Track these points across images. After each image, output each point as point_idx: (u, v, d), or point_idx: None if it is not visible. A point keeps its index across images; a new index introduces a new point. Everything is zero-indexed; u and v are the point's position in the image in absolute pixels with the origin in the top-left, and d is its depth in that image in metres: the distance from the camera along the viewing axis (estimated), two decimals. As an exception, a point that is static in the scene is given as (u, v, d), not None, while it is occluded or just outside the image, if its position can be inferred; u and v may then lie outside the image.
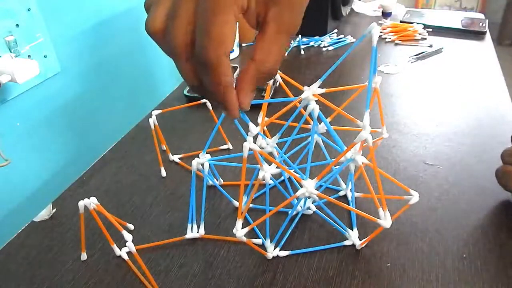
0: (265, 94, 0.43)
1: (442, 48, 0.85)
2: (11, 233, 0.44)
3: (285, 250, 0.41)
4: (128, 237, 0.36)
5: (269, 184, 0.41)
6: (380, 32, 0.93)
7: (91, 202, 0.37)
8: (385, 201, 0.36)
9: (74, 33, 0.67)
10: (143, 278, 0.39)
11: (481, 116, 0.61)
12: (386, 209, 0.35)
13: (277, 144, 0.43)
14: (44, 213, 0.47)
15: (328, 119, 0.43)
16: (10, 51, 0.54)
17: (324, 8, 0.88)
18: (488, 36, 0.91)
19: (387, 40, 0.90)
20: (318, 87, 0.36)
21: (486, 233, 0.42)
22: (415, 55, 0.82)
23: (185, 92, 0.69)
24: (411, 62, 0.80)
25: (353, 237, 0.42)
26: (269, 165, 0.38)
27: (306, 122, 0.44)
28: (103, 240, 0.42)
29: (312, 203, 0.45)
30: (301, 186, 0.36)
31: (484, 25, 0.94)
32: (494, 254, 0.40)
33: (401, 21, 0.97)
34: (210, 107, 0.53)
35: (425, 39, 0.90)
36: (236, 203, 0.47)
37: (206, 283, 0.38)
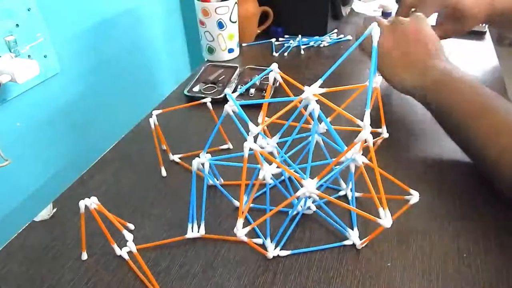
0: (265, 94, 0.43)
1: (442, 48, 0.84)
2: (11, 232, 0.44)
3: (286, 250, 0.41)
4: (128, 236, 0.36)
5: (270, 184, 0.41)
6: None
7: (92, 202, 0.37)
8: (386, 201, 0.36)
9: (74, 33, 0.67)
10: (144, 277, 0.39)
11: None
12: (387, 209, 0.35)
13: (277, 143, 0.43)
14: (45, 213, 0.47)
15: (329, 119, 0.43)
16: (10, 51, 0.54)
17: (324, 8, 0.88)
18: (488, 36, 0.91)
19: (387, 40, 0.90)
20: (319, 87, 0.36)
21: (486, 233, 0.42)
22: (415, 55, 0.82)
23: (185, 92, 0.69)
24: (411, 62, 0.79)
25: (353, 236, 0.42)
26: (270, 165, 0.38)
27: (307, 122, 0.44)
28: (104, 240, 0.42)
29: (313, 202, 0.45)
30: (302, 186, 0.36)
31: (484, 25, 0.93)
32: (494, 254, 0.40)
33: (401, 21, 0.97)
34: (210, 107, 0.52)
35: (425, 39, 0.90)
36: (236, 203, 0.47)
37: (207, 283, 0.38)
